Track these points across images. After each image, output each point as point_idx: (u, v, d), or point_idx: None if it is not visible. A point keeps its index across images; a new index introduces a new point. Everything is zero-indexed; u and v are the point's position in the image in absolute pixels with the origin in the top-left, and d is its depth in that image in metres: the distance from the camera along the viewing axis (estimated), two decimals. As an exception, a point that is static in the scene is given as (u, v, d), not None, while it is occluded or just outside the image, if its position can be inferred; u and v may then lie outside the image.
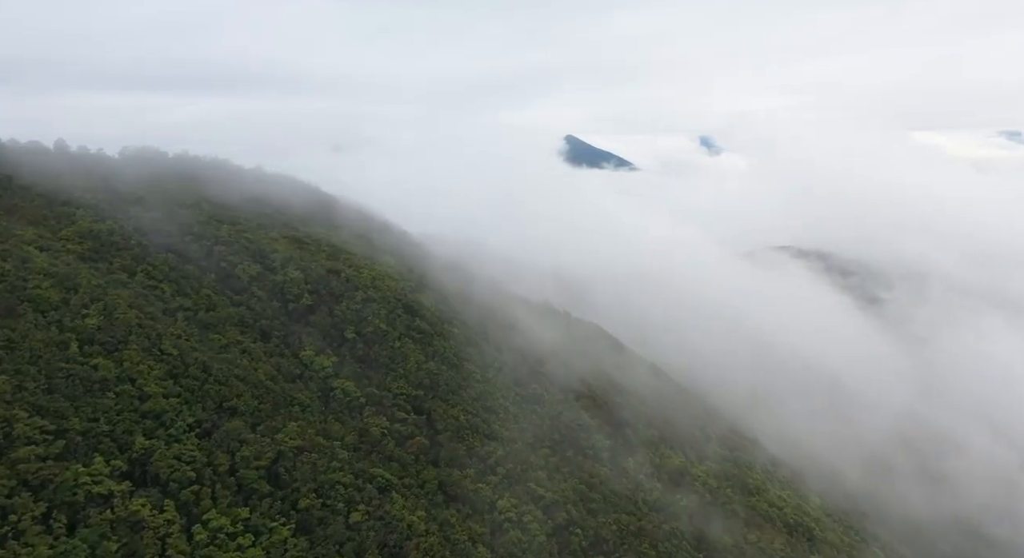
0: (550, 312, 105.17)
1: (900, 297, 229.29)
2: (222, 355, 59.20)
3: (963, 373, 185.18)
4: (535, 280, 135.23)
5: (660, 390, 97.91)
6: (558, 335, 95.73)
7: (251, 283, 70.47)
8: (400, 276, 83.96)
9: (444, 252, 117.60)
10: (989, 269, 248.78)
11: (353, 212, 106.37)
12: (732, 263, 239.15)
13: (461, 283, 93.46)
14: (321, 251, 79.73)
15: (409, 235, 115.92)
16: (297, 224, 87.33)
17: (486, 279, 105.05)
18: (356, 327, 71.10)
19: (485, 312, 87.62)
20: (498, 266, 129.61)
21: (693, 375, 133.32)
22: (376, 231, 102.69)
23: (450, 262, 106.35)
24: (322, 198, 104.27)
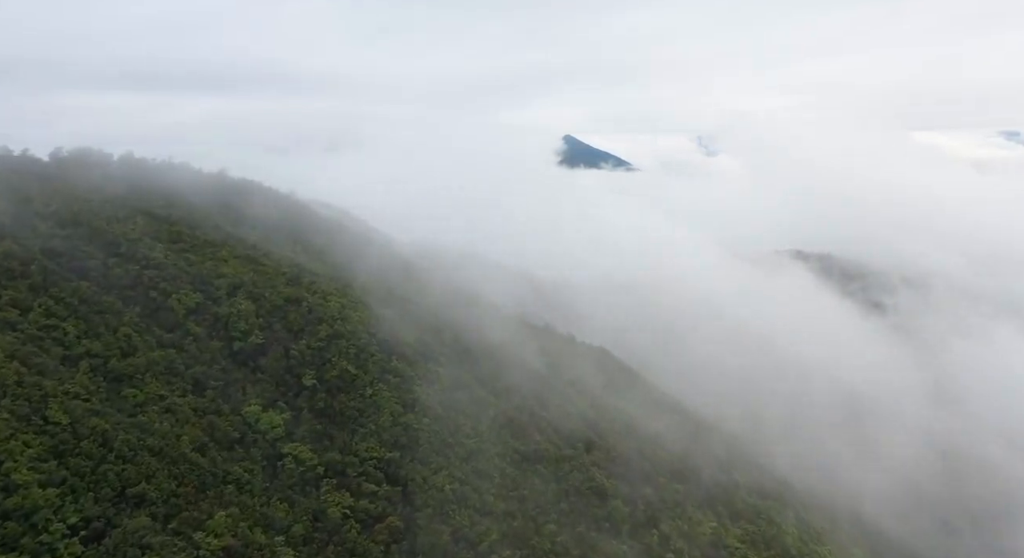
0: (551, 336, 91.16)
1: (905, 303, 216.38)
2: (134, 419, 45.21)
3: (984, 387, 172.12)
4: (534, 297, 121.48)
5: (677, 427, 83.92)
6: (563, 366, 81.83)
7: (187, 317, 56.35)
8: (378, 302, 69.85)
9: (434, 267, 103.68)
10: (994, 273, 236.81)
11: (330, 223, 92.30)
12: (733, 268, 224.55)
13: (452, 306, 79.43)
14: (281, 274, 65.57)
15: (394, 246, 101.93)
16: (257, 240, 73.16)
17: (481, 299, 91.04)
18: (318, 371, 56.98)
19: (480, 343, 73.54)
20: (493, 281, 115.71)
21: (696, 388, 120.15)
22: (356, 244, 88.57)
23: (440, 280, 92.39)
24: (293, 207, 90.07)
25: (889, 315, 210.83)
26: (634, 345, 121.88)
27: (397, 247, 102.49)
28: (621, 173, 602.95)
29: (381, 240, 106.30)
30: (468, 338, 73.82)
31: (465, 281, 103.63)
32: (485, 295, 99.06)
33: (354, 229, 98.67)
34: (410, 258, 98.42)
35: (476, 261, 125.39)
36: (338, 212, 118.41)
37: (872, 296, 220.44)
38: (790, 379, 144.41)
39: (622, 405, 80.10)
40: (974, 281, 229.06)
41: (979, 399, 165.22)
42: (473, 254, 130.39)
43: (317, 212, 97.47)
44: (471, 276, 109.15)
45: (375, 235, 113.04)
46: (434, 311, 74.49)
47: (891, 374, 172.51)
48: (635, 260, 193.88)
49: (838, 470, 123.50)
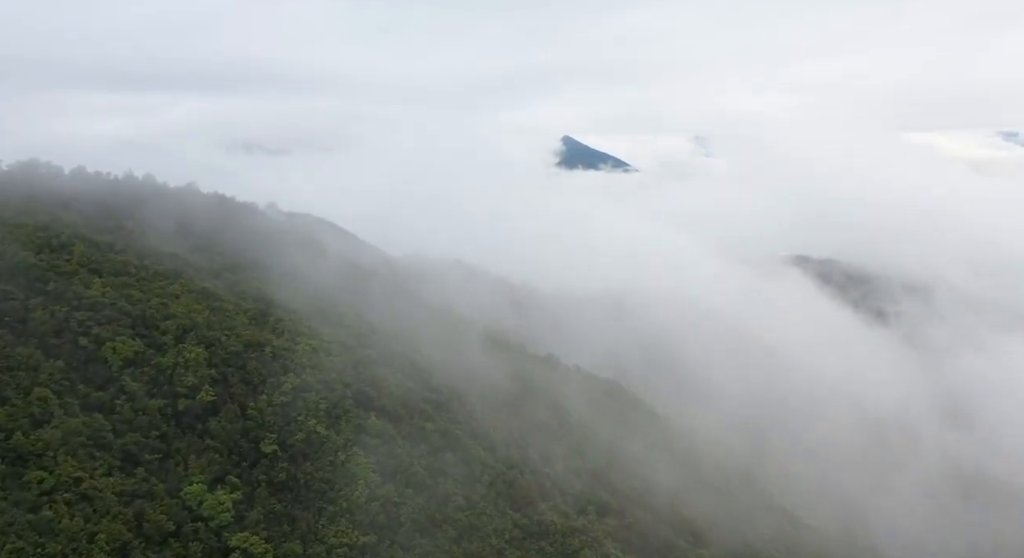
0: (556, 369, 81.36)
1: (909, 311, 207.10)
2: (35, 516, 35.50)
3: (999, 404, 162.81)
4: (529, 314, 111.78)
5: (694, 472, 74.36)
6: (570, 406, 72.18)
7: (123, 371, 46.64)
8: (358, 340, 60.12)
9: (425, 287, 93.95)
10: (999, 281, 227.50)
11: (311, 243, 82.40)
12: (733, 277, 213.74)
13: (443, 341, 69.71)
14: (243, 311, 55.77)
15: (383, 267, 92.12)
16: (221, 268, 63.44)
17: (476, 326, 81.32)
18: (280, 434, 47.28)
19: (474, 383, 63.82)
20: (488, 300, 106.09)
21: (696, 406, 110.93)
22: (339, 268, 78.73)
23: (431, 305, 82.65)
24: (270, 227, 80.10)
25: (893, 325, 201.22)
26: (630, 360, 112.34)
27: (386, 268, 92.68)
28: (620, 174, 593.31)
29: (370, 259, 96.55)
30: (461, 378, 64.09)
31: (458, 303, 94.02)
32: (480, 319, 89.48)
33: (338, 248, 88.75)
34: (400, 280, 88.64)
35: (469, 276, 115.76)
36: (324, 227, 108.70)
37: (875, 304, 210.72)
38: (796, 397, 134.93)
39: (636, 450, 70.41)
40: (978, 288, 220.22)
41: (995, 419, 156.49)
42: (468, 268, 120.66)
43: (298, 230, 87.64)
44: (464, 296, 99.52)
45: (363, 251, 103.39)
46: (422, 348, 64.73)
47: (901, 390, 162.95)
48: (632, 269, 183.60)
49: (856, 501, 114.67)
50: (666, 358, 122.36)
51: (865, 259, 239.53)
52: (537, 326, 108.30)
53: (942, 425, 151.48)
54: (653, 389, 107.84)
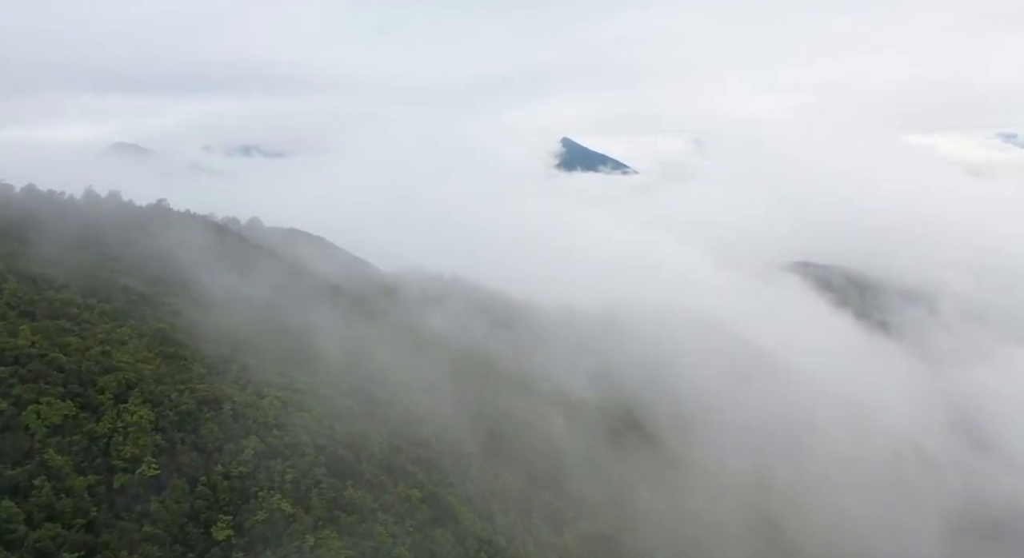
0: (565, 402, 73.42)
1: (914, 321, 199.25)
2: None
3: (1012, 420, 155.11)
4: (531, 334, 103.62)
5: (718, 532, 66.57)
6: (574, 448, 64.32)
7: (48, 440, 38.72)
8: (333, 387, 52.15)
9: (418, 308, 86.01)
10: (1001, 286, 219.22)
11: (292, 267, 74.26)
12: (731, 287, 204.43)
13: (435, 387, 61.67)
14: (201, 359, 47.84)
15: (371, 287, 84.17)
16: (183, 305, 55.36)
17: (474, 356, 73.35)
18: (236, 516, 39.36)
19: (470, 433, 55.87)
20: (484, 318, 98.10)
21: (692, 427, 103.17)
22: (319, 294, 70.74)
23: (423, 331, 74.64)
24: (247, 251, 71.78)
25: (898, 335, 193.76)
26: (628, 379, 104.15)
27: (374, 288, 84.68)
28: (619, 177, 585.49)
29: (359, 279, 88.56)
30: (453, 423, 56.21)
31: (452, 327, 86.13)
32: (475, 345, 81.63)
33: (323, 270, 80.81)
34: (390, 301, 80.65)
35: (465, 293, 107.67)
36: (309, 243, 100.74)
37: (879, 314, 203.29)
38: (803, 416, 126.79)
39: (647, 503, 62.56)
40: (981, 296, 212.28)
41: (1009, 435, 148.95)
42: (463, 285, 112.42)
43: (278, 251, 79.53)
44: (457, 318, 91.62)
45: (351, 270, 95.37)
46: (409, 388, 56.78)
47: (911, 406, 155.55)
48: (631, 280, 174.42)
49: (874, 528, 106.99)
50: (666, 375, 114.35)
51: (866, 265, 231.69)
52: (534, 346, 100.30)
53: (954, 443, 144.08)
54: (653, 409, 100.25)
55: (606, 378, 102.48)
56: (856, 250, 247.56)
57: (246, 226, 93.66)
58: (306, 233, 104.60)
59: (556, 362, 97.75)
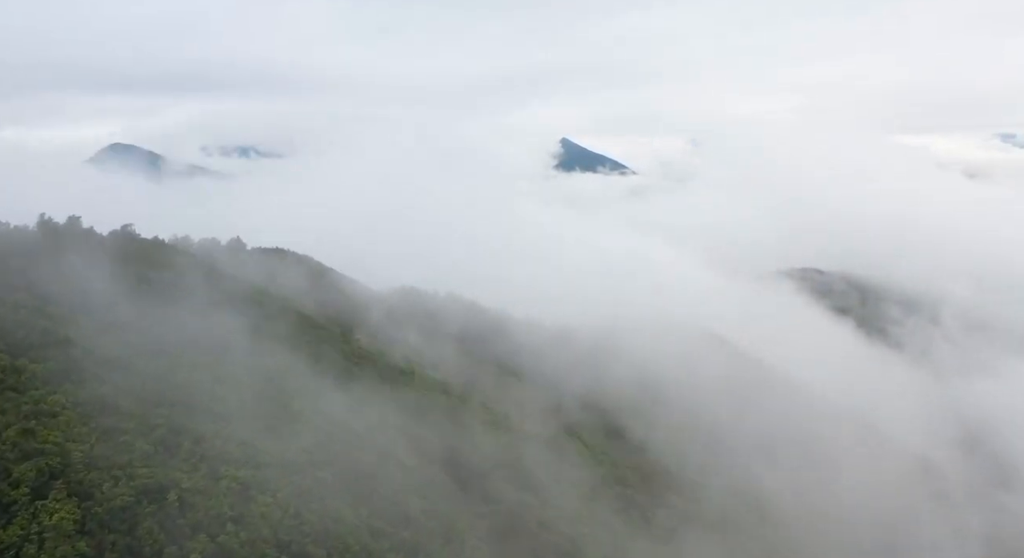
0: (562, 454, 65.90)
1: (918, 332, 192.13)
2: None
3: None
4: (531, 356, 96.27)
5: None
6: (588, 531, 56.79)
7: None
8: (308, 456, 44.62)
9: (411, 339, 78.66)
10: (1003, 296, 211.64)
11: (267, 297, 66.67)
12: (737, 295, 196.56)
13: (429, 415, 54.37)
14: (146, 432, 40.25)
15: (356, 318, 76.73)
16: (130, 357, 47.53)
17: (470, 398, 65.84)
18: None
19: (464, 508, 48.43)
20: (483, 346, 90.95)
21: (707, 455, 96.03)
22: (302, 326, 63.27)
23: (417, 374, 67.06)
24: (212, 282, 63.76)
25: (898, 344, 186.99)
26: (609, 402, 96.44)
27: (363, 320, 77.27)
28: (617, 177, 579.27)
29: (345, 305, 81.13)
30: (448, 499, 48.78)
31: (447, 360, 78.83)
32: (471, 384, 74.33)
33: (306, 300, 73.38)
34: (378, 337, 73.20)
35: (463, 315, 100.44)
36: (299, 263, 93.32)
37: (879, 321, 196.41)
38: (813, 439, 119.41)
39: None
40: (984, 305, 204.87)
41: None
42: (460, 304, 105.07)
43: (257, 278, 71.97)
44: (452, 347, 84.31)
45: (340, 292, 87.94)
46: (397, 460, 49.27)
47: (920, 421, 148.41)
48: (627, 291, 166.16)
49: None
50: (665, 397, 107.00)
51: (867, 271, 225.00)
52: (531, 372, 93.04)
53: (969, 465, 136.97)
54: (656, 434, 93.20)
55: (603, 393, 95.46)
56: (856, 255, 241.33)
57: (226, 247, 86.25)
58: (293, 253, 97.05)
59: (552, 379, 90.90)
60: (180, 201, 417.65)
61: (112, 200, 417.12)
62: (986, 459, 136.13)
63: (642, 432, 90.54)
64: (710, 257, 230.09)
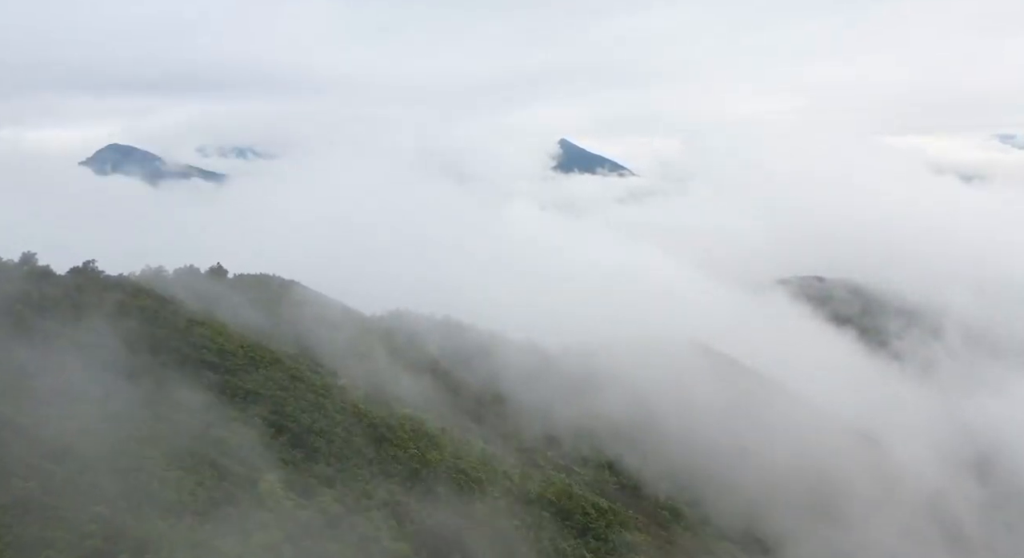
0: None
1: (918, 342, 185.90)
2: None
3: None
4: (530, 385, 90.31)
5: None
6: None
7: None
8: (266, 536, 38.87)
9: (404, 383, 72.87)
10: (1005, 307, 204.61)
11: (234, 340, 60.63)
12: (741, 309, 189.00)
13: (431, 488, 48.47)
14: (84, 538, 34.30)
15: (338, 355, 70.88)
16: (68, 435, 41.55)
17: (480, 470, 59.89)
18: None
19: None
20: (484, 385, 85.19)
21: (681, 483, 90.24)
22: (274, 377, 57.28)
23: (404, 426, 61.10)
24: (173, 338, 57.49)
25: (901, 356, 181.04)
26: (605, 430, 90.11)
27: (347, 355, 71.47)
28: (615, 178, 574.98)
29: (331, 339, 75.26)
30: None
31: (442, 397, 73.08)
32: (466, 426, 68.59)
33: (287, 335, 67.57)
34: (360, 370, 67.46)
35: (457, 339, 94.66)
36: (284, 289, 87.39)
37: (876, 336, 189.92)
38: (825, 469, 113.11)
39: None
40: (986, 315, 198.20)
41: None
42: (456, 329, 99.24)
43: (230, 312, 66.03)
44: (456, 378, 78.61)
45: (326, 322, 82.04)
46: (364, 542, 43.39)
47: (929, 441, 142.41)
48: (615, 304, 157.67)
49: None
50: (666, 420, 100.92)
51: (866, 278, 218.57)
52: (519, 397, 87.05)
53: (984, 493, 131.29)
54: (656, 465, 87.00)
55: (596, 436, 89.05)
56: (856, 262, 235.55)
57: (205, 276, 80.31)
58: (279, 278, 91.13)
59: (548, 408, 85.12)
60: (175, 203, 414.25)
61: (108, 200, 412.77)
62: (1001, 484, 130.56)
63: (639, 464, 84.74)
64: (708, 264, 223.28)
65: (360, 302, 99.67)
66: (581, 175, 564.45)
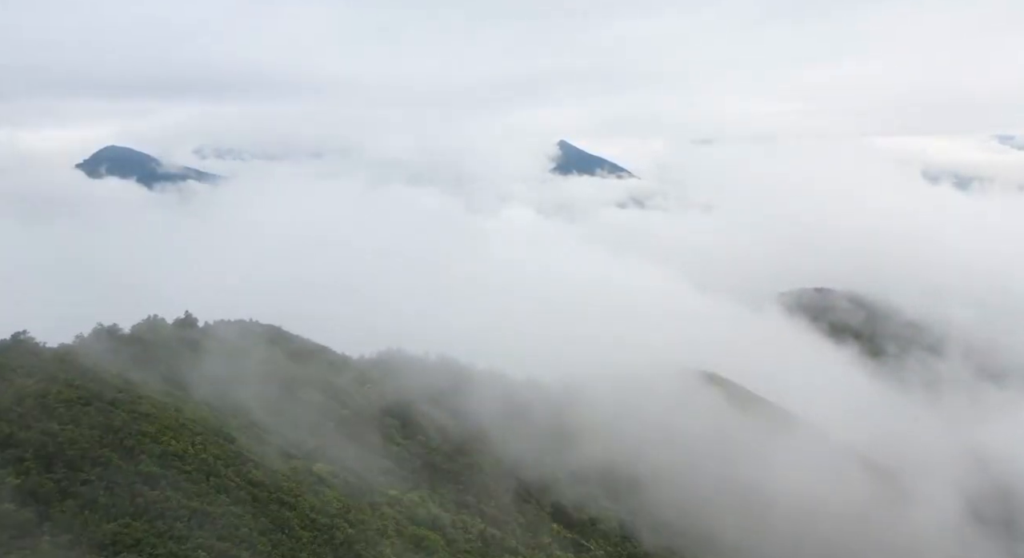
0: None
1: (920, 362, 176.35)
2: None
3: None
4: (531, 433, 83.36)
5: None
6: None
7: None
8: None
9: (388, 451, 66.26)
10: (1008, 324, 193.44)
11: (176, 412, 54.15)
12: (746, 326, 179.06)
13: None
14: None
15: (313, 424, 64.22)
16: None
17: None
18: None
19: None
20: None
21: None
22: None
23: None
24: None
25: (906, 377, 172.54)
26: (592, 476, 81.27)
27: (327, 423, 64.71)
28: (614, 180, 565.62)
29: (313, 395, 68.60)
30: None
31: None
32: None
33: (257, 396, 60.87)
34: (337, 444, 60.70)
35: (452, 382, 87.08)
36: (260, 337, 79.44)
37: (874, 353, 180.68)
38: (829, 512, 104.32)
39: None
40: (988, 334, 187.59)
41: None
42: (455, 372, 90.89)
43: (192, 369, 59.47)
44: (453, 427, 71.74)
45: (308, 366, 75.45)
46: None
47: (945, 468, 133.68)
48: (604, 324, 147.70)
49: None
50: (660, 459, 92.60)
51: (867, 292, 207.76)
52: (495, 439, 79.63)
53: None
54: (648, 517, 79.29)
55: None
56: (855, 272, 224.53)
57: (171, 329, 72.43)
58: (256, 325, 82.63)
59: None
60: (169, 204, 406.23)
61: (104, 202, 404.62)
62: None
63: (627, 516, 77.61)
64: (704, 275, 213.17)
65: (342, 340, 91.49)
66: (580, 177, 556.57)
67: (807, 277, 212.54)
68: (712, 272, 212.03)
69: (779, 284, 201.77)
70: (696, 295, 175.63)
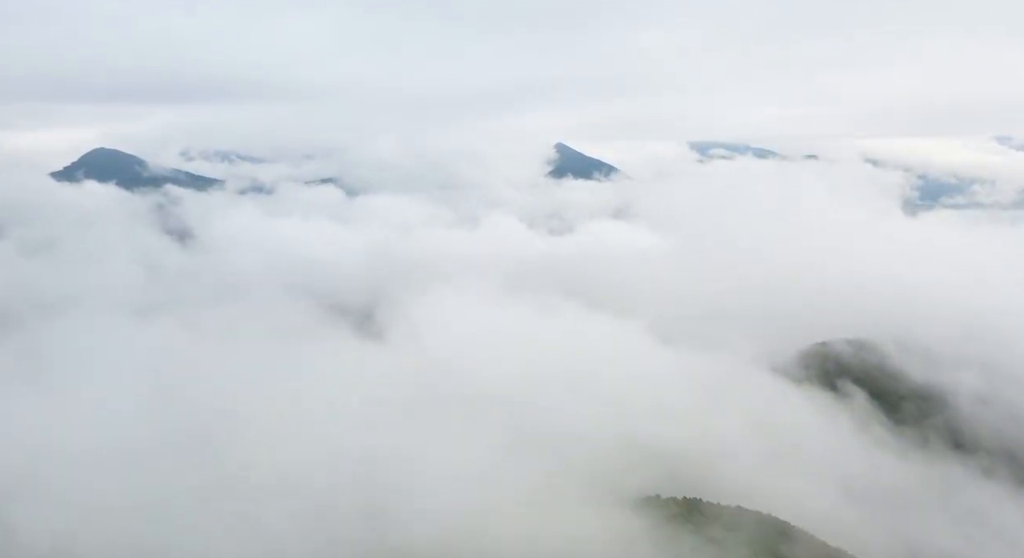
0: None
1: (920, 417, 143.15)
2: None
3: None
4: None
5: None
6: None
7: None
8: None
9: None
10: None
11: None
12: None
13: None
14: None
15: None
16: None
17: None
18: None
19: None
20: None
21: None
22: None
23: None
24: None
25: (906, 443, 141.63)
26: None
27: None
28: (610, 185, 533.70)
29: None
30: None
31: None
32: None
33: None
34: None
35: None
36: None
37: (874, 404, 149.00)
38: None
39: None
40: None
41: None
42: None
43: None
44: None
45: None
46: None
47: None
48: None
49: None
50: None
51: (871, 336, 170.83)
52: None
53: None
54: None
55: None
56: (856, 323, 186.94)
57: None
58: None
59: None
60: (153, 207, 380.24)
61: (89, 205, 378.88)
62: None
63: None
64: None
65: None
66: (575, 181, 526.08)
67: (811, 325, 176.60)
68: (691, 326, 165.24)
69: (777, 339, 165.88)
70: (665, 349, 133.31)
